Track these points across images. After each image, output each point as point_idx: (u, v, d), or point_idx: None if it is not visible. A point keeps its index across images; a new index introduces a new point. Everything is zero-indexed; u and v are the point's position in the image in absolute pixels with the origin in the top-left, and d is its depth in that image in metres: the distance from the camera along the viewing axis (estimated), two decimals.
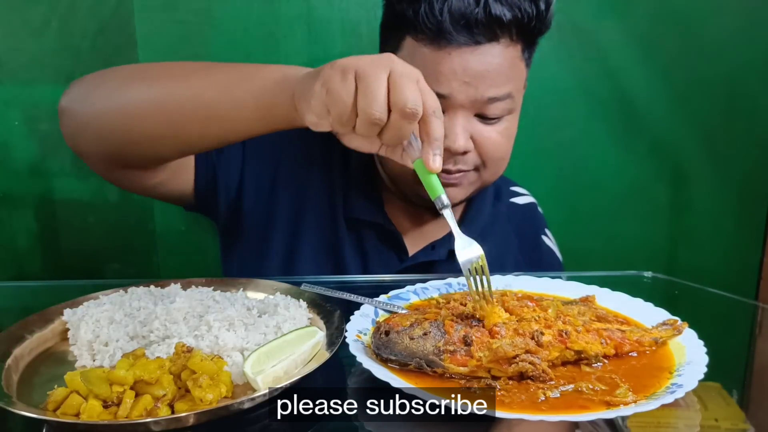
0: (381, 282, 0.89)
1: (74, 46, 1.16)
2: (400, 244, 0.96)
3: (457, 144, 0.82)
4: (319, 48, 1.25)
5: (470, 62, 0.80)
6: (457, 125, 0.82)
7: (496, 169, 0.90)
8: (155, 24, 1.18)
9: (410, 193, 0.92)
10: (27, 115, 1.17)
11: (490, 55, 0.81)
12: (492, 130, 0.85)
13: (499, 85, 0.82)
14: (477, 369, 0.55)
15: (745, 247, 1.45)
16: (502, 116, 0.85)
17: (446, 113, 0.82)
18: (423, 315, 0.61)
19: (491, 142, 0.86)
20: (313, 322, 0.69)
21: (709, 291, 0.87)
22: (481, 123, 0.85)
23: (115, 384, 0.51)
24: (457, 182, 0.88)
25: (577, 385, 0.54)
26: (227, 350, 0.59)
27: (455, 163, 0.85)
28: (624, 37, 1.32)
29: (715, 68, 1.34)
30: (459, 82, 0.80)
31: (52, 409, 0.51)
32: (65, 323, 0.67)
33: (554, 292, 0.75)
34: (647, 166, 1.40)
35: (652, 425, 0.51)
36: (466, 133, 0.83)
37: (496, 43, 0.81)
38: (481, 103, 0.82)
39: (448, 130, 0.82)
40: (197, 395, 0.51)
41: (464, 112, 0.83)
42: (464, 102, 0.81)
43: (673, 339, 0.62)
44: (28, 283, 1.08)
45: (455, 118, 0.82)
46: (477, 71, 0.80)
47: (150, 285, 0.75)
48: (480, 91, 0.81)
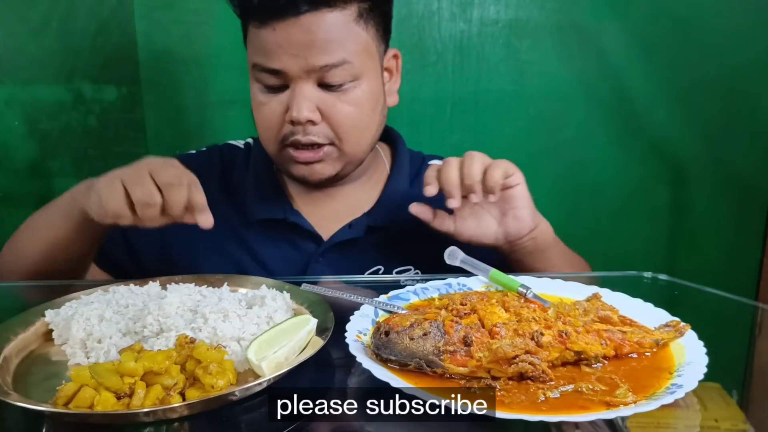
0: (381, 282, 0.89)
1: (74, 46, 1.16)
2: (311, 232, 0.97)
3: (300, 114, 0.84)
4: None
5: (293, 34, 0.82)
6: (298, 95, 0.85)
7: (356, 140, 0.91)
8: (155, 24, 1.18)
9: (285, 172, 0.96)
10: (27, 115, 1.18)
11: (313, 24, 0.82)
12: (337, 99, 0.87)
13: (329, 52, 0.83)
14: (477, 369, 0.55)
15: (745, 248, 1.45)
16: (345, 83, 0.86)
17: (291, 85, 0.86)
18: (423, 315, 0.61)
19: (338, 110, 0.87)
20: (300, 312, 0.71)
21: (708, 291, 0.87)
22: (327, 93, 0.86)
23: (126, 376, 0.52)
24: (319, 158, 0.89)
25: (577, 386, 0.54)
26: (225, 340, 0.61)
27: (305, 133, 0.87)
28: (624, 37, 1.32)
29: (715, 68, 1.34)
30: (287, 55, 0.83)
31: (62, 404, 0.51)
32: (47, 324, 0.67)
33: (554, 292, 0.75)
34: (647, 167, 1.40)
35: (651, 425, 0.51)
36: (308, 102, 0.85)
37: (316, 11, 0.82)
38: (316, 72, 0.84)
39: (292, 101, 0.85)
40: (208, 382, 0.53)
41: (304, 83, 0.85)
42: (299, 73, 0.84)
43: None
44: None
45: (297, 88, 0.85)
46: (301, 42, 0.82)
47: (130, 284, 0.76)
48: (310, 61, 0.83)
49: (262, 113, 0.90)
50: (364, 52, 0.88)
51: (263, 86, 0.88)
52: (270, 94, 0.88)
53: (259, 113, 0.90)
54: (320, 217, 0.99)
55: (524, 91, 1.33)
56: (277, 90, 0.87)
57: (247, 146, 1.07)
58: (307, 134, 0.87)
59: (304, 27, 0.82)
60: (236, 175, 1.03)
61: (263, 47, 0.84)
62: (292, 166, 0.92)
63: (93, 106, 1.19)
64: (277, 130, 0.89)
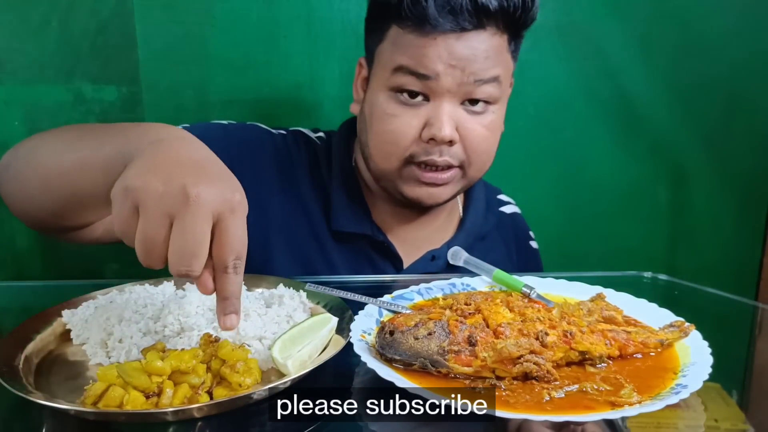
0: (384, 282, 0.89)
1: (74, 46, 1.16)
2: (393, 254, 0.94)
3: (444, 132, 0.81)
4: (319, 48, 1.25)
5: (456, 47, 0.79)
6: (443, 113, 0.81)
7: (481, 166, 0.89)
8: (155, 24, 1.18)
9: (393, 191, 0.90)
10: (27, 115, 1.17)
11: (476, 41, 0.80)
12: (477, 122, 0.84)
13: (486, 68, 0.81)
14: (481, 369, 0.55)
15: (745, 247, 1.45)
16: (487, 105, 0.84)
17: (432, 100, 0.82)
18: (427, 315, 0.61)
19: (477, 134, 0.84)
20: (316, 311, 0.71)
21: (708, 291, 0.87)
22: (467, 113, 0.84)
23: (153, 375, 0.52)
24: (445, 181, 0.86)
25: (581, 386, 0.54)
26: (248, 339, 0.61)
27: (441, 153, 0.83)
28: (624, 37, 1.32)
29: (714, 68, 1.35)
30: (445, 65, 0.80)
31: (90, 403, 0.51)
32: (65, 324, 0.67)
33: (559, 292, 0.75)
34: (647, 166, 1.40)
35: (651, 425, 0.52)
36: (452, 121, 0.82)
37: (482, 31, 0.80)
38: (468, 86, 0.81)
39: (434, 118, 0.82)
40: (235, 381, 0.53)
41: (450, 99, 0.82)
42: (451, 85, 0.81)
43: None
44: (28, 282, 1.07)
45: (442, 105, 0.82)
46: (463, 55, 0.80)
47: (145, 283, 0.76)
48: (466, 73, 0.80)
49: (392, 125, 0.84)
50: (507, 78, 0.87)
51: (396, 94, 0.83)
52: (405, 105, 0.83)
53: (388, 125, 0.84)
54: (401, 239, 0.95)
55: (524, 91, 1.33)
56: (414, 102, 0.83)
57: (321, 140, 1.00)
58: (443, 155, 0.83)
59: (467, 42, 0.80)
60: (322, 174, 0.95)
61: (418, 53, 0.80)
62: (411, 186, 0.87)
63: (93, 106, 1.19)
64: (407, 146, 0.84)
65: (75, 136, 0.71)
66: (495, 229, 1.04)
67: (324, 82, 1.26)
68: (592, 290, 0.74)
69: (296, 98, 1.26)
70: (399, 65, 0.82)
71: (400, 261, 0.94)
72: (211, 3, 1.19)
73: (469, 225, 0.99)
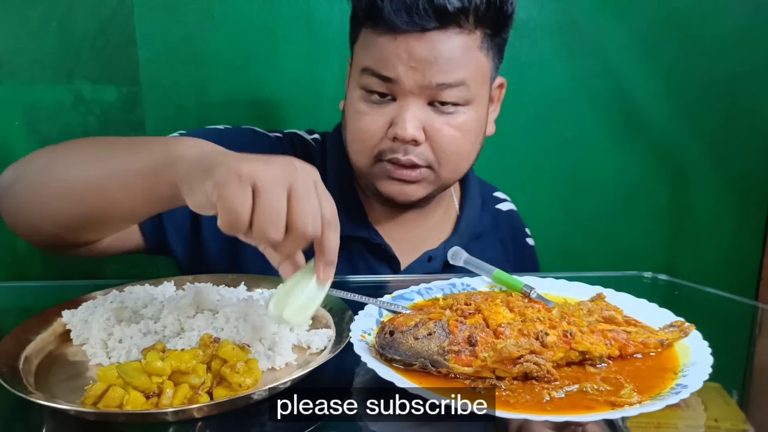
0: (383, 282, 0.89)
1: (74, 46, 1.16)
2: (391, 256, 0.93)
3: (406, 132, 0.80)
4: (319, 48, 1.25)
5: (415, 48, 0.78)
6: (406, 111, 0.80)
7: (453, 167, 0.87)
8: (155, 24, 1.18)
9: (371, 187, 0.89)
10: (27, 115, 1.17)
11: (438, 42, 0.78)
12: (445, 122, 0.82)
13: (448, 71, 0.79)
14: (481, 369, 0.55)
15: (745, 247, 1.46)
16: (457, 106, 0.82)
17: (397, 99, 0.82)
18: (427, 315, 0.61)
19: (444, 134, 0.82)
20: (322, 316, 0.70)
21: (708, 291, 0.87)
22: (435, 113, 0.82)
23: (153, 375, 0.52)
24: (415, 179, 0.85)
25: (581, 386, 0.54)
26: (248, 339, 0.62)
27: (405, 152, 0.82)
28: (624, 37, 1.32)
29: (715, 69, 1.35)
30: (405, 66, 0.78)
31: (90, 404, 0.51)
32: (65, 325, 0.67)
33: (559, 292, 0.75)
34: (647, 167, 1.40)
35: (651, 425, 0.52)
36: (416, 120, 0.81)
37: (445, 30, 0.79)
38: (431, 89, 0.80)
39: (398, 117, 0.81)
40: (236, 381, 0.53)
41: (415, 99, 0.81)
42: (413, 88, 0.80)
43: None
44: (28, 283, 1.07)
45: (405, 104, 0.81)
46: (423, 57, 0.78)
47: (145, 284, 0.76)
48: (427, 77, 0.79)
49: (361, 123, 0.84)
50: (480, 78, 0.84)
51: (367, 93, 0.83)
52: (373, 104, 0.83)
53: (358, 122, 0.85)
54: (397, 240, 0.95)
55: (524, 91, 1.33)
56: (382, 101, 0.83)
57: (316, 142, 1.00)
58: (407, 154, 0.83)
59: (429, 43, 0.78)
60: None
61: (380, 54, 0.80)
62: (383, 182, 0.87)
63: (93, 107, 1.19)
64: (375, 144, 0.84)
65: (99, 148, 0.73)
66: (491, 228, 1.04)
67: (324, 82, 1.26)
68: (592, 290, 0.74)
69: (296, 98, 1.26)
70: (365, 66, 0.82)
71: (397, 263, 0.94)
72: (211, 3, 1.19)
73: (465, 224, 0.98)
